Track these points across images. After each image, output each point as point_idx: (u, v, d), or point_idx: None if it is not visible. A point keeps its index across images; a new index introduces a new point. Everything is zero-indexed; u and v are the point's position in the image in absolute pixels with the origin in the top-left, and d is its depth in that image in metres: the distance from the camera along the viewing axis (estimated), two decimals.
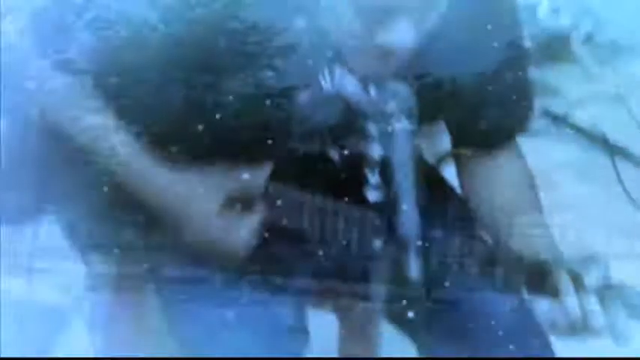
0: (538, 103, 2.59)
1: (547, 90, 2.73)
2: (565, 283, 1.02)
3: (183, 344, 1.15)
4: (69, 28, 0.95)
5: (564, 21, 2.91)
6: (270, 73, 0.96)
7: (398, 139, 1.01)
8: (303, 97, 1.04)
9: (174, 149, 1.00)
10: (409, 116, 1.02)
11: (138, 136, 1.00)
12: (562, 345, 1.15)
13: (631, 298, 1.03)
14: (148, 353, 1.22)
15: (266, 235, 1.09)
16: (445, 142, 1.42)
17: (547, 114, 2.62)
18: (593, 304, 1.02)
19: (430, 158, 1.65)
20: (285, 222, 1.08)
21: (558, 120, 2.62)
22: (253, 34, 0.96)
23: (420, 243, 1.03)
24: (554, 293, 1.04)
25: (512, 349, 1.15)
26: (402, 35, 0.96)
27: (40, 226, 1.15)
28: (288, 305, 1.15)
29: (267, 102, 0.95)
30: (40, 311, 1.66)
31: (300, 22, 0.97)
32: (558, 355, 1.19)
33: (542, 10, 2.86)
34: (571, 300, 1.03)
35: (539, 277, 1.05)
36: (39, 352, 1.57)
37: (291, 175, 1.09)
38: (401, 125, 1.01)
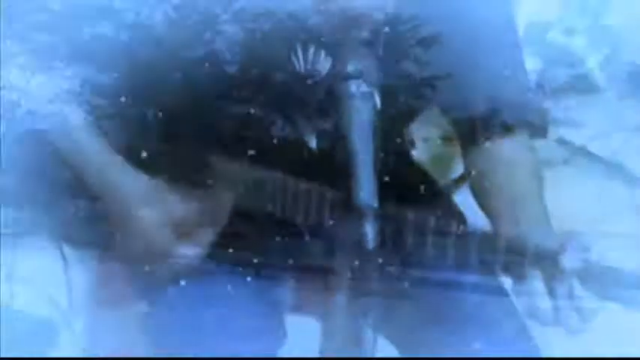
0: (556, 133, 2.78)
1: (566, 121, 2.90)
2: (539, 266, 1.14)
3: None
4: (215, 20, 1.11)
5: (579, 42, 3.06)
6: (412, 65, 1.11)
7: (357, 105, 1.11)
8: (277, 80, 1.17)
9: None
10: (369, 80, 1.12)
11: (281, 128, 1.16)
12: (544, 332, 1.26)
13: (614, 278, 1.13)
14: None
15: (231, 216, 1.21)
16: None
17: (566, 144, 2.81)
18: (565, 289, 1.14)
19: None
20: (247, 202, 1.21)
21: (578, 151, 2.79)
22: (396, 24, 1.12)
23: (376, 214, 1.13)
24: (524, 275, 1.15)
25: (480, 329, 1.27)
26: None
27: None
28: (262, 299, 1.28)
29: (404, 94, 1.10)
30: (25, 323, 1.79)
31: None
32: (553, 350, 1.31)
33: (555, 30, 3.01)
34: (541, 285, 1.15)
35: (514, 258, 1.15)
36: None
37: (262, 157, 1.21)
38: (360, 90, 1.11)
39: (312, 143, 1.23)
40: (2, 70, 1.11)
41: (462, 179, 2.28)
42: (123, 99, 1.13)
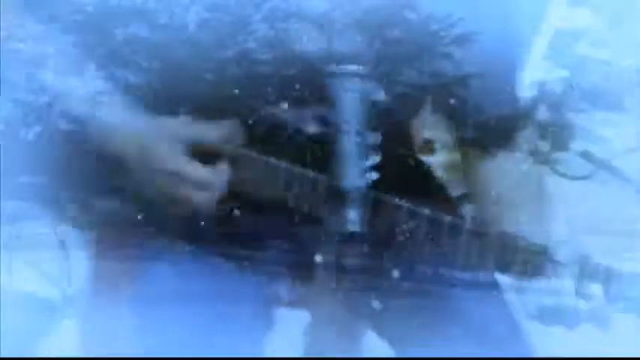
0: (580, 147, 2.77)
1: (592, 134, 2.90)
2: (537, 262, 1.18)
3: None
4: (247, 19, 1.14)
5: (608, 55, 3.06)
6: (446, 63, 1.14)
7: (347, 85, 1.15)
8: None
9: None
10: (360, 61, 1.16)
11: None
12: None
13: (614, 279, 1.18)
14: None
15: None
16: None
17: (590, 159, 2.81)
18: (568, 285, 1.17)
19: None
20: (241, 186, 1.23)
21: (602, 166, 2.80)
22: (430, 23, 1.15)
23: (361, 195, 1.17)
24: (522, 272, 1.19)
25: (470, 326, 1.30)
26: None
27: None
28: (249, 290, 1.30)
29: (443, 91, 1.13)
30: (24, 303, 1.82)
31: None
32: (552, 348, 1.32)
33: (584, 41, 3.01)
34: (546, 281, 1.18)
35: (509, 254, 1.19)
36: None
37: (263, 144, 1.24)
38: (351, 70, 1.15)
39: (309, 128, 1.24)
40: (37, 72, 1.13)
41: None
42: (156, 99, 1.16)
